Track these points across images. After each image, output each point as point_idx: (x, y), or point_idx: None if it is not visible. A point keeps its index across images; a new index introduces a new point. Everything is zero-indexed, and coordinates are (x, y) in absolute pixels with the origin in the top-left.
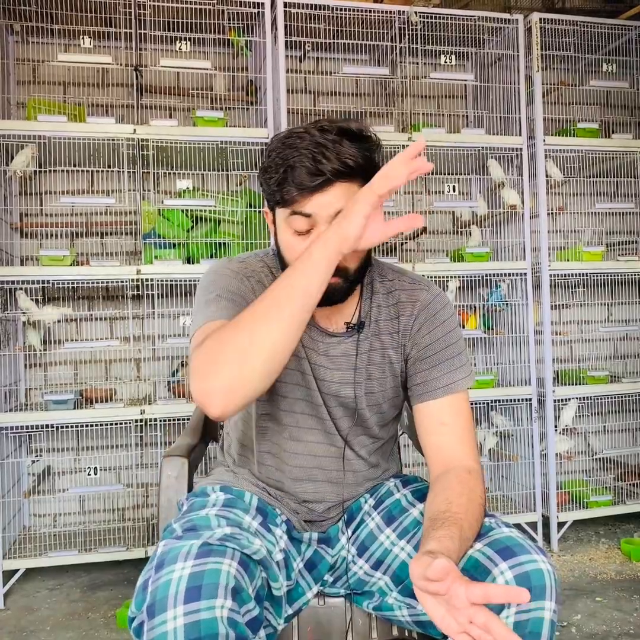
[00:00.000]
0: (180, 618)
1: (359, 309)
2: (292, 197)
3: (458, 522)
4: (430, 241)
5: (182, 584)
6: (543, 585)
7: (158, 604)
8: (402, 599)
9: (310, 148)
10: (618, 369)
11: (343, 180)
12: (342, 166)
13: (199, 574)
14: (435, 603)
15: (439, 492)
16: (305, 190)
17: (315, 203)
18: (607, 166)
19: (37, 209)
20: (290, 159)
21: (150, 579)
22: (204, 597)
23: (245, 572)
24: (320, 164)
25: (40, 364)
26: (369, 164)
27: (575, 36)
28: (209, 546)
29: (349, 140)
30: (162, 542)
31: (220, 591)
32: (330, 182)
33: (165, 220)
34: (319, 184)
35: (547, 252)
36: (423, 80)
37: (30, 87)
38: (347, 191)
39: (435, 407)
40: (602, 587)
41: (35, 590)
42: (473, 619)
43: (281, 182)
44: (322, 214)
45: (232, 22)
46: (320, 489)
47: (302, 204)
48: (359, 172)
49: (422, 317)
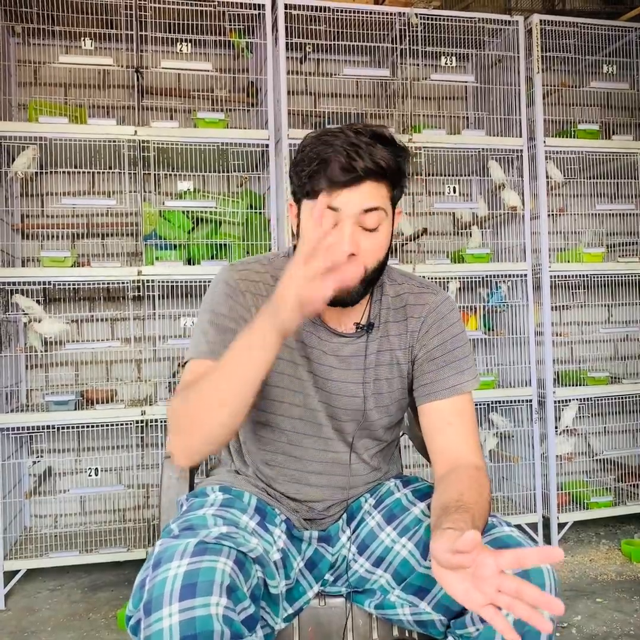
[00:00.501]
0: (176, 615)
1: (369, 311)
2: (322, 189)
3: (470, 510)
4: (431, 242)
5: (178, 582)
6: (543, 584)
7: (154, 601)
8: (405, 597)
9: (344, 146)
10: (618, 370)
11: (373, 180)
12: (374, 166)
13: (194, 571)
14: (457, 578)
15: (450, 484)
16: (336, 184)
17: (344, 198)
18: (608, 167)
19: (38, 210)
20: (324, 154)
21: (147, 577)
22: (199, 595)
23: (241, 571)
24: (354, 161)
25: (41, 365)
26: (398, 169)
27: (576, 38)
28: (204, 545)
29: (381, 144)
30: (159, 542)
31: (215, 589)
32: (361, 179)
33: (166, 222)
34: (349, 180)
35: (547, 253)
36: (423, 82)
37: (31, 89)
38: (375, 192)
39: (442, 407)
40: (602, 588)
41: (36, 591)
42: (502, 587)
43: (313, 174)
44: (348, 210)
45: (233, 24)
46: (321, 493)
47: (331, 197)
48: (388, 174)
49: (431, 319)
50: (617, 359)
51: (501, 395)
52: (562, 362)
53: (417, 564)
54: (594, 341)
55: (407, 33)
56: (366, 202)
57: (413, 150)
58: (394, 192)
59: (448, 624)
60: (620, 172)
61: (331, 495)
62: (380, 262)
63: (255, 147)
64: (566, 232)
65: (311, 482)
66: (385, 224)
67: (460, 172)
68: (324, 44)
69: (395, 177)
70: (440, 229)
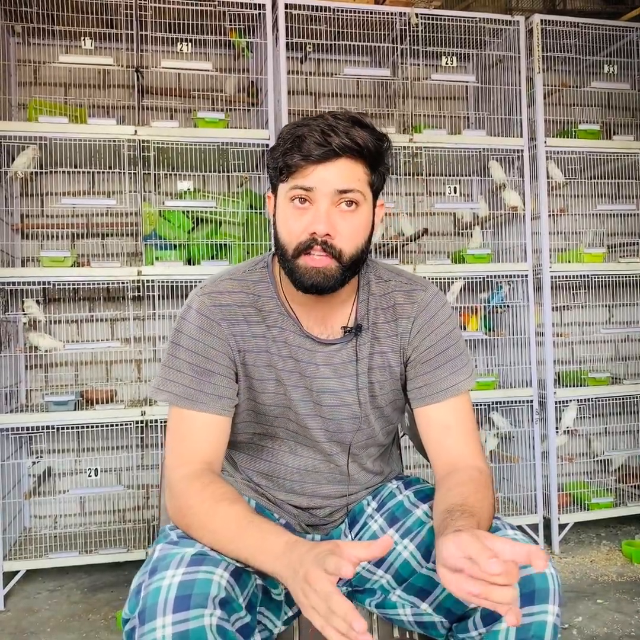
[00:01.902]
0: (169, 627)
1: (356, 312)
2: (296, 163)
3: (475, 515)
4: (431, 242)
5: (172, 592)
6: (547, 588)
7: (148, 610)
8: (406, 597)
9: (321, 126)
10: (619, 370)
11: (349, 157)
12: (350, 142)
13: (189, 582)
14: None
15: (453, 487)
16: (310, 158)
17: (318, 176)
18: (609, 168)
19: (38, 210)
20: (299, 132)
21: (143, 583)
22: (193, 607)
23: (237, 583)
24: (329, 137)
25: (41, 365)
26: (376, 152)
27: (577, 38)
28: (202, 555)
29: (360, 127)
30: (159, 546)
31: (209, 602)
32: (336, 155)
33: (166, 222)
34: (324, 154)
35: (548, 254)
36: (424, 82)
37: (31, 89)
38: (351, 171)
39: (439, 410)
40: (603, 589)
41: (36, 592)
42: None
43: (287, 151)
44: (322, 188)
45: (233, 24)
46: (322, 501)
47: (304, 175)
48: (366, 154)
49: (421, 319)
50: (618, 360)
51: (502, 396)
52: (563, 362)
53: (418, 566)
54: (594, 342)
55: (407, 33)
56: (342, 181)
57: (414, 150)
58: (373, 176)
59: (450, 627)
60: (621, 172)
61: (333, 502)
62: (359, 249)
63: (256, 147)
64: (567, 233)
65: (314, 492)
66: (364, 208)
67: (461, 172)
68: (325, 43)
69: (373, 159)
70: (441, 229)
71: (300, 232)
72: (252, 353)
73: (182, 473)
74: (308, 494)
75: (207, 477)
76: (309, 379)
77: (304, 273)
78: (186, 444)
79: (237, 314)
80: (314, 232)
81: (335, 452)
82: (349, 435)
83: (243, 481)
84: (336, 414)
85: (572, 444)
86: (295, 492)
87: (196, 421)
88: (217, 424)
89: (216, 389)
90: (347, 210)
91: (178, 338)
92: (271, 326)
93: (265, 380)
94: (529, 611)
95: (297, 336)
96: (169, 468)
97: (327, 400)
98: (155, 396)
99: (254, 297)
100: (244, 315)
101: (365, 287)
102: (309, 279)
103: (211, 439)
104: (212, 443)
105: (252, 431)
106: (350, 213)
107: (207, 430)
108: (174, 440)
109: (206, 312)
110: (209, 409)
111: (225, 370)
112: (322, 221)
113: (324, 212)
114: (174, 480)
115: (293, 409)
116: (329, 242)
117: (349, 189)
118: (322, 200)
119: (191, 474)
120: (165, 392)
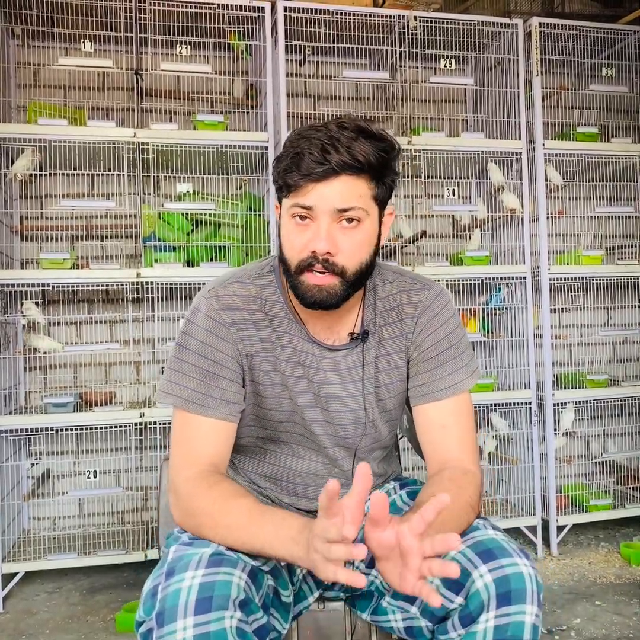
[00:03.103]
0: (190, 629)
1: (362, 317)
2: (295, 182)
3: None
4: (430, 244)
5: (193, 594)
6: (524, 588)
7: (167, 612)
8: (395, 603)
9: (322, 139)
10: (617, 372)
11: (349, 174)
12: (350, 159)
13: (209, 584)
14: (391, 565)
15: (427, 487)
16: (308, 177)
17: (317, 194)
18: (607, 170)
19: (38, 212)
20: (299, 147)
21: (160, 585)
22: (214, 609)
23: (254, 583)
24: (328, 154)
25: (40, 367)
26: (381, 164)
27: (575, 40)
28: (220, 555)
29: (364, 138)
30: (173, 548)
31: (230, 604)
32: (335, 173)
33: (166, 224)
34: (322, 173)
35: (546, 256)
36: (423, 84)
37: (30, 91)
38: (351, 188)
39: (437, 410)
40: (601, 591)
41: (35, 594)
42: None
43: (287, 168)
44: (322, 206)
45: (232, 26)
46: None
47: (304, 193)
48: (368, 169)
49: (424, 318)
50: (616, 362)
51: (500, 398)
52: (561, 364)
53: None
54: (593, 344)
55: (406, 36)
56: (341, 200)
57: (412, 152)
58: (377, 189)
59: (433, 629)
60: (619, 174)
61: None
62: (364, 265)
63: (255, 149)
64: (565, 235)
65: (317, 495)
66: (367, 223)
67: (459, 174)
68: (324, 46)
69: (377, 173)
70: (440, 232)
71: (301, 249)
72: (259, 358)
73: (188, 475)
74: (312, 497)
75: (213, 478)
76: (315, 385)
77: (306, 290)
78: (191, 447)
79: (246, 318)
80: (314, 250)
81: (342, 457)
82: (355, 440)
83: (245, 484)
84: (343, 419)
85: (571, 445)
86: (299, 495)
87: (203, 425)
88: (223, 429)
89: (224, 393)
90: (348, 226)
91: (185, 341)
92: (279, 331)
93: (272, 385)
94: (505, 612)
95: (304, 342)
96: (173, 471)
97: (334, 406)
98: (162, 400)
99: (262, 301)
100: (253, 319)
101: (372, 292)
102: (312, 297)
103: (217, 444)
104: (217, 447)
105: (255, 435)
106: (351, 229)
107: (214, 435)
108: (179, 444)
109: (215, 315)
110: (217, 414)
111: (234, 374)
112: (323, 239)
113: (324, 231)
114: (180, 482)
115: (300, 414)
116: (331, 260)
117: (349, 207)
118: (322, 218)
119: (197, 475)
120: (172, 395)
